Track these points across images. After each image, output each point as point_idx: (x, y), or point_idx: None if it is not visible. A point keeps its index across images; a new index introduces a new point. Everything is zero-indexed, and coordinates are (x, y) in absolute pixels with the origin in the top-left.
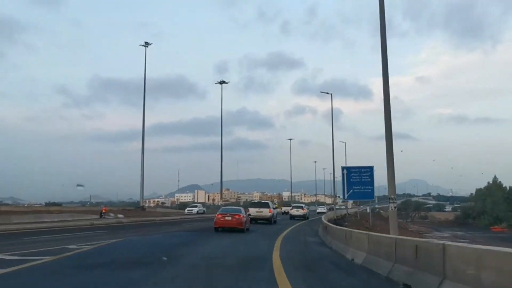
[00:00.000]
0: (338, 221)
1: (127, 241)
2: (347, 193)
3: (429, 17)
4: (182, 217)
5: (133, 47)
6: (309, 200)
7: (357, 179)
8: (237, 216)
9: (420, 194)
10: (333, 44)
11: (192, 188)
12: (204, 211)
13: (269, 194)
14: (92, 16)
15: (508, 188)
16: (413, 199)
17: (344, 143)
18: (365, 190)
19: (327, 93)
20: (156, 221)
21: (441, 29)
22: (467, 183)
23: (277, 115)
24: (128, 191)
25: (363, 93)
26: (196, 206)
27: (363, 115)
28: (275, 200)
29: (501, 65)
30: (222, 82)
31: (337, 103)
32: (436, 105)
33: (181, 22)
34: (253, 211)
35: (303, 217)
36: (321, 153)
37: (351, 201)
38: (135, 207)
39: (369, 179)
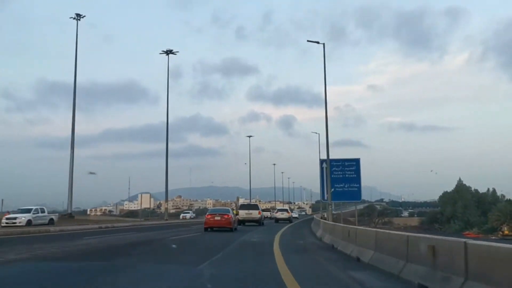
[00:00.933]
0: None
1: None
2: (327, 192)
3: (380, 26)
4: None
5: (81, 49)
6: (265, 207)
7: (340, 174)
8: (226, 216)
9: (373, 200)
10: (287, 50)
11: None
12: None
13: (222, 201)
14: (38, 16)
15: (475, 191)
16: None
17: (317, 134)
18: (350, 189)
19: (318, 42)
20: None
21: (392, 39)
22: (416, 189)
23: (231, 122)
24: (75, 199)
25: (317, 100)
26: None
27: (316, 122)
28: (233, 206)
29: (447, 75)
30: (169, 52)
31: (291, 111)
32: (387, 114)
33: (133, 24)
34: (242, 213)
35: (288, 220)
36: (275, 160)
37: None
38: (62, 215)
39: (355, 175)
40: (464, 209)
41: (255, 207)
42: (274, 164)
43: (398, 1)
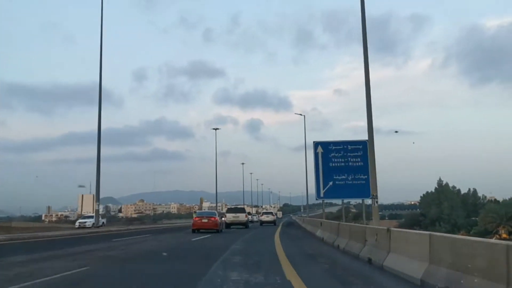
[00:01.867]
0: None
1: None
2: (324, 187)
3: (347, 31)
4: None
5: (41, 49)
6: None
7: (341, 162)
8: (212, 219)
9: (339, 202)
10: (255, 54)
11: (106, 201)
12: (103, 223)
13: (187, 205)
14: None
15: (457, 192)
16: (334, 207)
17: (303, 116)
18: (356, 182)
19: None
20: None
21: (359, 44)
22: (380, 192)
23: (197, 125)
24: (34, 205)
25: (284, 104)
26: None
27: (282, 126)
28: (196, 208)
29: (411, 80)
30: None
31: (258, 114)
32: (352, 118)
33: (96, 25)
34: (230, 216)
35: (273, 223)
36: (242, 163)
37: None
38: None
39: (362, 163)
40: (451, 210)
41: (242, 210)
42: (243, 164)
43: (365, 6)
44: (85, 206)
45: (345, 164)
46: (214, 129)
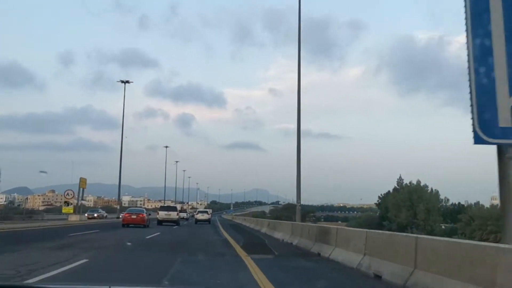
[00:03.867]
0: None
1: None
2: None
3: (287, 31)
4: None
5: None
6: (153, 206)
7: None
8: (141, 215)
9: (269, 202)
10: (192, 47)
11: (20, 190)
12: None
13: (106, 198)
14: None
15: (435, 192)
16: (263, 206)
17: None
18: None
19: None
20: None
21: (296, 45)
22: (306, 193)
23: (126, 116)
24: None
25: (218, 101)
26: None
27: (215, 123)
28: (116, 205)
29: (344, 85)
30: None
31: (190, 109)
32: (284, 119)
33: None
34: (162, 214)
35: (207, 221)
36: (170, 159)
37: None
38: None
39: None
40: (427, 215)
41: (174, 208)
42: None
43: (306, 7)
44: None
45: None
46: (122, 81)
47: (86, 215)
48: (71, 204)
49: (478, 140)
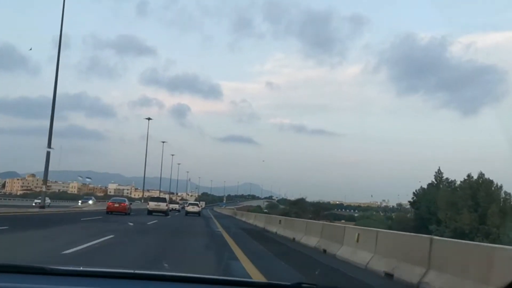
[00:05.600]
0: None
1: None
2: None
3: (287, 23)
4: None
5: None
6: (141, 195)
7: None
8: (122, 204)
9: (262, 197)
10: (191, 36)
11: (9, 175)
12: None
13: (91, 186)
14: None
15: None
16: (258, 201)
17: None
18: None
19: None
20: None
21: (296, 38)
22: (302, 189)
23: (120, 105)
24: None
25: (214, 92)
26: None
27: (211, 115)
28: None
29: (343, 81)
30: None
31: (186, 100)
32: (279, 114)
33: None
34: (152, 204)
35: (197, 214)
36: (161, 149)
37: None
38: None
39: None
40: (502, 219)
41: (163, 200)
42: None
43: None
44: None
45: None
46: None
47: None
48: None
49: None
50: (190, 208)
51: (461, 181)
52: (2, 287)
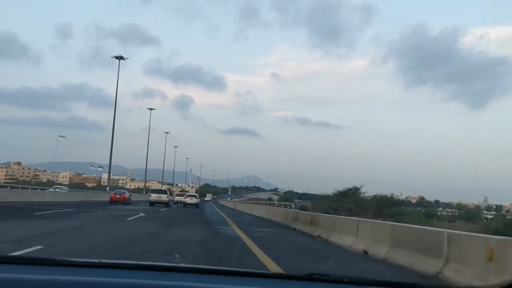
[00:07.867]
0: None
1: None
2: None
3: (294, 13)
4: None
5: None
6: (137, 186)
7: None
8: (123, 196)
9: (268, 189)
10: (196, 25)
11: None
12: None
13: (84, 175)
14: None
15: None
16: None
17: None
18: None
19: None
20: None
21: (303, 28)
22: (308, 182)
23: (122, 96)
24: None
25: (218, 84)
26: None
27: (214, 107)
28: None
29: (349, 73)
30: None
31: (190, 91)
32: (283, 107)
33: None
34: (154, 196)
35: (196, 205)
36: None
37: None
38: None
39: None
40: None
41: (164, 192)
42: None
43: None
44: None
45: None
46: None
47: None
48: None
49: None
50: (188, 200)
51: None
52: (14, 278)
